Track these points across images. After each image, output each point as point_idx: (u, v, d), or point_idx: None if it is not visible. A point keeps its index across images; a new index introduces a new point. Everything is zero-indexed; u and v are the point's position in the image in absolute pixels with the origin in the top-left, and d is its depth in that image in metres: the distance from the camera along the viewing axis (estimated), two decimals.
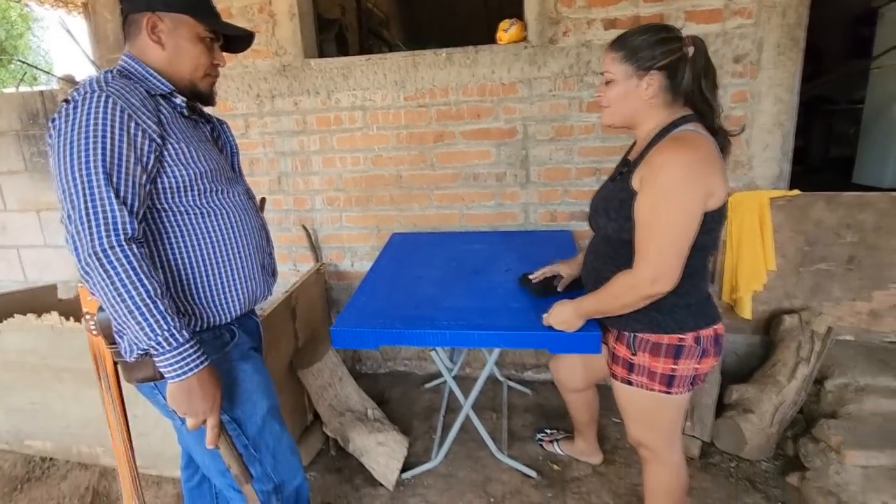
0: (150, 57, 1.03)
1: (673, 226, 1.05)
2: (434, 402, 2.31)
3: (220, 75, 1.15)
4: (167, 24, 1.01)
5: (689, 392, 1.24)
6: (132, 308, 0.87)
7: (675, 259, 1.07)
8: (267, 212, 2.42)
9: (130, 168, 0.91)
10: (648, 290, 1.10)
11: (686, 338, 1.17)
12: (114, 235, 0.86)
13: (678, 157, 1.04)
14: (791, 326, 1.93)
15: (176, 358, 0.91)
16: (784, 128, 1.94)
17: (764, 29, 1.87)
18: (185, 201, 1.01)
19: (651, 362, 1.20)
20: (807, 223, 1.95)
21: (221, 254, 1.07)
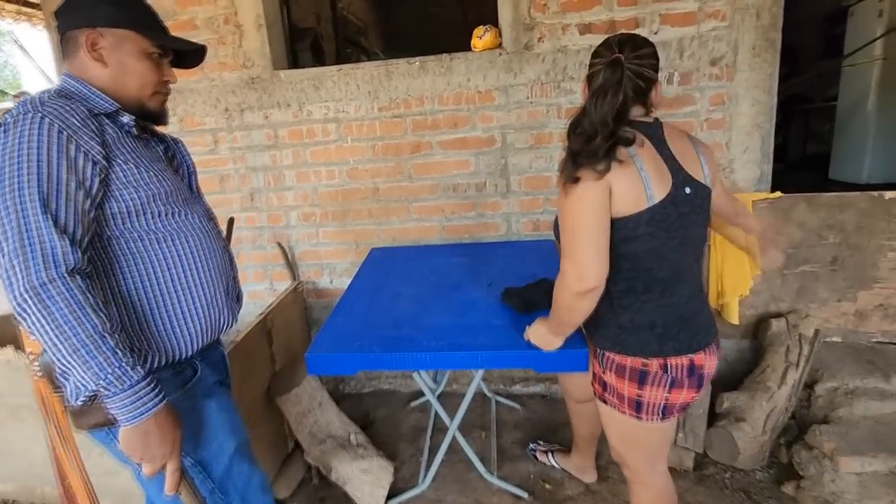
0: (92, 75, 0.95)
1: (572, 219, 1.02)
2: (421, 421, 2.23)
3: (171, 92, 1.08)
4: (109, 41, 0.94)
5: (667, 421, 1.17)
6: (77, 346, 0.79)
7: (587, 251, 1.01)
8: (240, 229, 2.35)
9: (71, 193, 0.83)
10: (575, 287, 1.03)
11: (650, 363, 1.10)
12: (53, 268, 0.79)
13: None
14: (779, 330, 1.90)
15: (130, 398, 0.83)
16: (763, 129, 1.92)
17: (738, 31, 1.85)
18: (138, 226, 0.94)
19: (618, 384, 1.16)
20: (790, 225, 1.93)
21: (180, 281, 0.99)
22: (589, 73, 1.10)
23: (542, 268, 1.80)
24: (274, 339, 1.95)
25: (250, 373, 1.77)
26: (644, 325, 1.10)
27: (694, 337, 1.11)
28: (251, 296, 2.43)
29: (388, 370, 2.32)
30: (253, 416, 1.75)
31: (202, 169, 2.26)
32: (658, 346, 1.10)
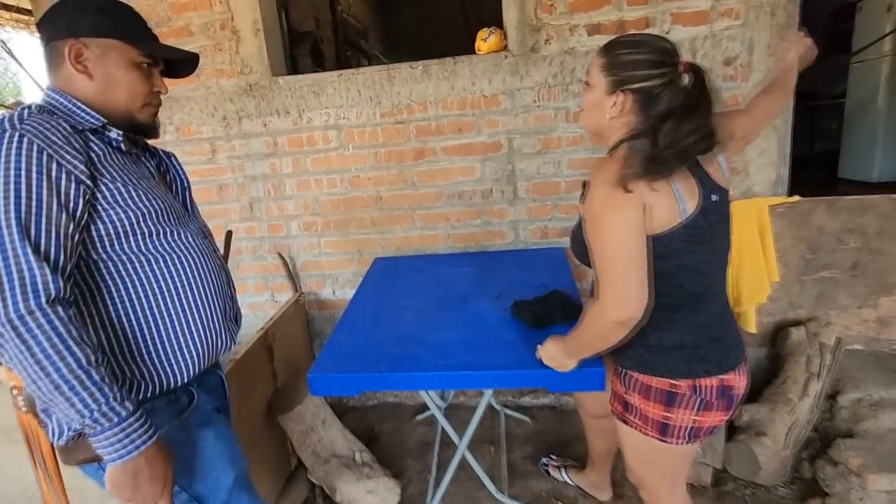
0: (77, 88, 0.89)
1: (611, 247, 0.95)
2: (428, 435, 2.16)
3: (161, 103, 1.02)
4: (94, 51, 0.88)
5: (693, 444, 1.10)
6: (59, 382, 0.73)
7: (629, 279, 0.95)
8: (240, 240, 2.29)
9: (53, 217, 0.77)
10: (613, 317, 0.96)
11: (679, 385, 1.04)
12: (32, 298, 0.73)
13: (601, 173, 0.97)
14: (798, 340, 1.83)
15: (118, 436, 0.77)
16: (779, 131, 1.85)
17: (753, 29, 1.78)
18: (127, 249, 0.88)
19: (642, 405, 1.09)
20: (808, 230, 1.86)
21: (174, 305, 0.93)
22: (639, 87, 0.97)
23: (552, 277, 1.74)
24: (275, 354, 1.89)
25: (251, 390, 1.71)
26: (672, 345, 1.04)
27: (724, 357, 1.05)
28: (252, 308, 2.37)
29: (393, 390, 2.27)
30: (254, 435, 1.69)
31: (200, 179, 2.23)
32: (687, 366, 1.03)
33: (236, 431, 1.55)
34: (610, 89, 1.01)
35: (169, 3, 2.05)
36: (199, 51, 2.07)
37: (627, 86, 0.99)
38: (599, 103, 1.03)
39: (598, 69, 1.03)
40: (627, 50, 1.00)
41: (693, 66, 0.98)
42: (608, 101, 1.01)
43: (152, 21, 2.06)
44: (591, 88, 1.05)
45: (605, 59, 1.02)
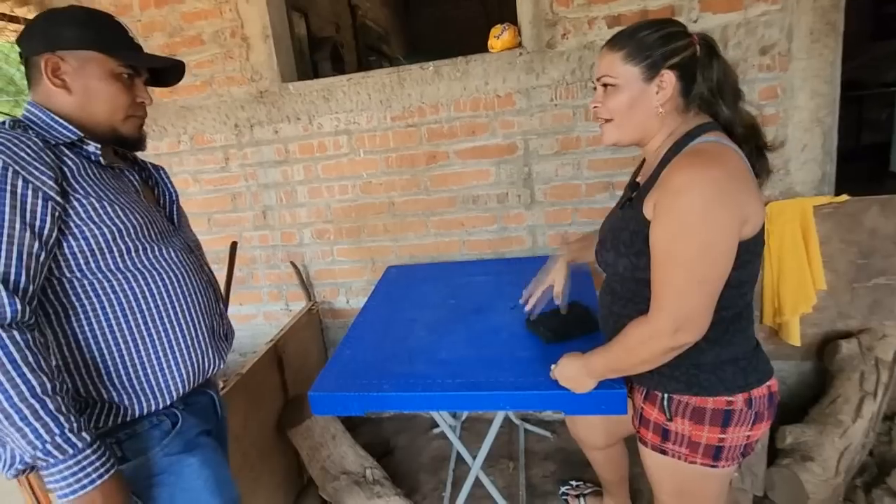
0: (56, 103, 0.86)
1: (697, 263, 0.83)
2: (443, 449, 2.08)
3: (147, 114, 0.98)
4: (71, 64, 0.85)
5: (738, 463, 1.00)
6: (10, 412, 0.69)
7: (702, 303, 0.85)
8: (253, 249, 2.26)
9: (15, 236, 0.74)
10: (670, 343, 0.87)
11: (735, 400, 0.94)
12: None
13: (700, 177, 0.82)
14: (850, 354, 1.66)
15: (72, 469, 0.72)
16: (824, 124, 1.69)
17: (793, 14, 1.63)
18: (103, 266, 0.84)
19: (693, 431, 0.97)
20: (859, 232, 1.69)
21: (153, 325, 0.89)
22: (679, 60, 0.89)
23: (572, 286, 1.63)
24: (286, 365, 1.85)
25: (259, 403, 1.67)
26: (729, 359, 0.94)
27: (766, 362, 0.98)
28: (267, 317, 2.35)
29: (400, 410, 2.19)
30: (264, 449, 1.65)
31: (214, 187, 2.21)
32: (743, 379, 0.94)
33: (243, 446, 1.52)
34: (648, 75, 0.90)
35: (180, 12, 2.04)
36: (210, 59, 2.07)
37: (669, 61, 0.89)
38: (639, 96, 0.91)
39: (621, 61, 0.92)
40: (646, 31, 0.91)
41: (705, 37, 0.91)
42: (650, 89, 0.91)
43: (165, 31, 2.07)
44: (619, 87, 0.92)
45: (628, 48, 0.91)
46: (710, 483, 1.01)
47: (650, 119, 0.93)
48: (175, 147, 2.19)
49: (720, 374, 0.94)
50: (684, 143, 0.90)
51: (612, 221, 1.05)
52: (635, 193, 0.99)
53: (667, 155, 0.92)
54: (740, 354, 0.95)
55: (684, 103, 0.93)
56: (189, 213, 2.42)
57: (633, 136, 0.97)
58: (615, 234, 1.00)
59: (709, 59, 0.91)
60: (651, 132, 0.95)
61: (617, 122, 0.95)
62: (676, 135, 0.92)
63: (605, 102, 0.95)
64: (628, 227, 0.96)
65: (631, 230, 0.94)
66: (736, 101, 0.93)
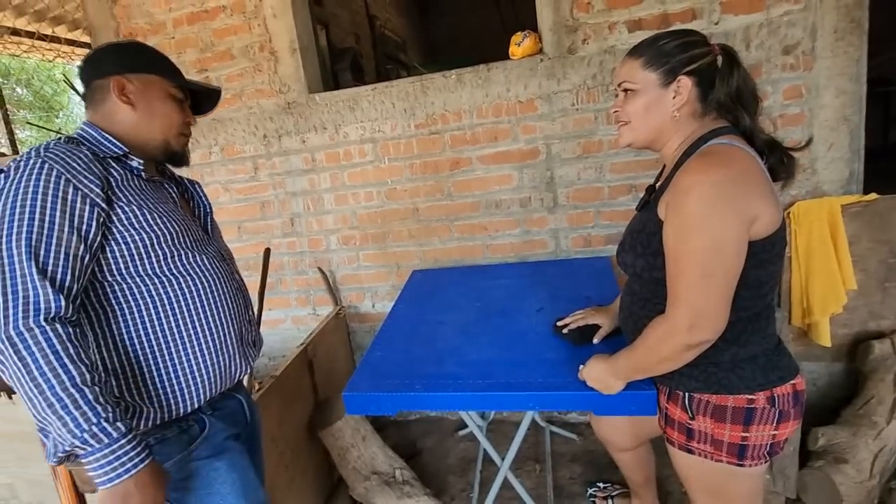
0: (118, 119, 0.95)
1: (704, 259, 0.85)
2: (470, 451, 2.11)
3: (191, 134, 1.07)
4: (136, 85, 0.96)
5: (768, 462, 1.00)
6: (52, 400, 0.73)
7: (715, 299, 0.86)
8: (282, 255, 2.33)
9: (63, 238, 0.80)
10: (686, 339, 0.89)
11: (757, 398, 0.94)
12: (32, 316, 0.75)
13: (706, 177, 0.85)
14: (883, 354, 1.64)
15: (108, 458, 0.75)
16: (851, 122, 1.68)
17: (816, 13, 1.63)
18: (141, 271, 0.90)
19: (714, 429, 0.98)
20: (890, 231, 1.66)
21: (185, 328, 0.94)
22: (696, 67, 0.93)
23: (596, 289, 1.65)
24: (316, 368, 1.90)
25: (292, 405, 1.72)
26: (747, 357, 0.95)
27: (790, 360, 0.98)
28: (295, 321, 2.41)
29: (430, 410, 2.23)
30: (296, 450, 1.70)
31: (243, 196, 2.29)
32: (763, 376, 0.94)
33: (279, 447, 1.57)
34: (665, 80, 0.94)
35: (211, 29, 2.13)
36: (240, 73, 2.15)
37: (687, 68, 0.93)
38: (656, 101, 0.96)
39: (641, 67, 0.96)
40: (665, 39, 0.96)
41: (726, 47, 0.95)
42: (667, 94, 0.95)
43: (198, 47, 2.16)
44: (638, 92, 0.97)
45: (646, 55, 0.96)
46: (739, 482, 1.01)
47: (665, 122, 0.97)
48: (207, 158, 2.28)
49: (739, 372, 0.95)
50: (697, 146, 0.93)
51: (632, 224, 1.09)
52: (652, 196, 1.02)
53: (681, 158, 0.95)
54: (759, 353, 0.95)
55: (702, 109, 0.96)
56: (220, 221, 2.50)
57: (646, 139, 1.01)
58: (633, 236, 1.03)
59: (729, 68, 0.94)
60: (666, 135, 0.99)
61: (633, 124, 1.00)
62: (692, 138, 0.96)
63: (625, 107, 1.00)
64: (645, 228, 0.99)
65: (648, 231, 0.98)
66: (756, 109, 0.96)
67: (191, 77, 1.10)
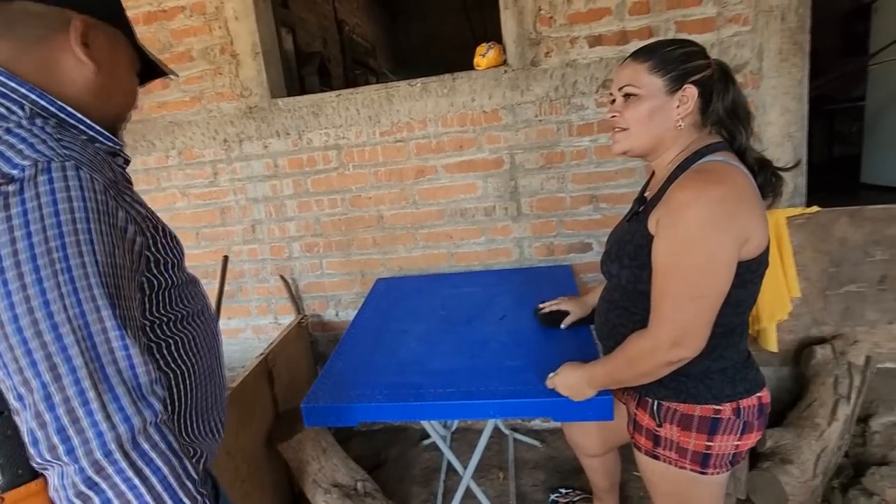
0: (69, 81, 0.62)
1: (697, 278, 0.85)
2: (434, 460, 2.09)
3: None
4: (102, 39, 0.65)
5: (730, 470, 1.03)
6: None
7: (700, 318, 0.88)
8: (242, 262, 2.27)
9: (127, 279, 0.56)
10: (668, 356, 0.90)
11: (723, 409, 0.96)
12: (146, 408, 0.52)
13: (703, 195, 0.84)
14: (824, 359, 1.73)
15: None
16: (795, 139, 1.77)
17: (763, 35, 1.72)
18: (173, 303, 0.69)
19: (680, 437, 1.00)
20: (830, 242, 1.76)
21: (207, 363, 0.75)
22: (701, 77, 0.92)
23: (558, 295, 1.67)
24: (276, 379, 1.85)
25: (249, 418, 1.66)
26: (717, 370, 0.97)
27: (757, 372, 1.00)
28: (256, 331, 2.34)
29: (392, 420, 2.21)
30: (254, 464, 1.65)
31: (203, 202, 2.22)
32: (731, 388, 0.96)
33: (235, 461, 1.52)
34: (671, 87, 0.92)
35: (169, 29, 2.06)
36: (199, 75, 2.09)
37: (692, 77, 0.92)
38: (661, 107, 0.93)
39: (646, 72, 0.93)
40: (671, 46, 0.95)
41: (720, 62, 0.96)
42: (672, 102, 0.93)
43: (154, 48, 2.08)
44: (642, 97, 0.94)
45: (653, 60, 0.93)
46: (700, 489, 1.04)
47: (668, 131, 0.95)
48: (163, 162, 2.20)
49: (708, 382, 0.97)
50: (693, 160, 0.92)
51: (619, 233, 1.07)
52: (642, 208, 1.01)
53: (675, 172, 0.94)
54: (729, 365, 0.97)
55: (701, 121, 0.96)
56: (177, 227, 2.42)
57: (645, 147, 0.98)
58: (620, 246, 1.02)
59: (724, 83, 0.94)
60: (664, 145, 0.97)
61: (633, 131, 0.96)
62: (688, 151, 0.94)
63: (625, 112, 0.96)
64: (633, 239, 0.98)
65: (636, 243, 0.97)
66: (750, 124, 0.97)
67: None
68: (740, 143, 0.96)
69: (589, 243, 1.99)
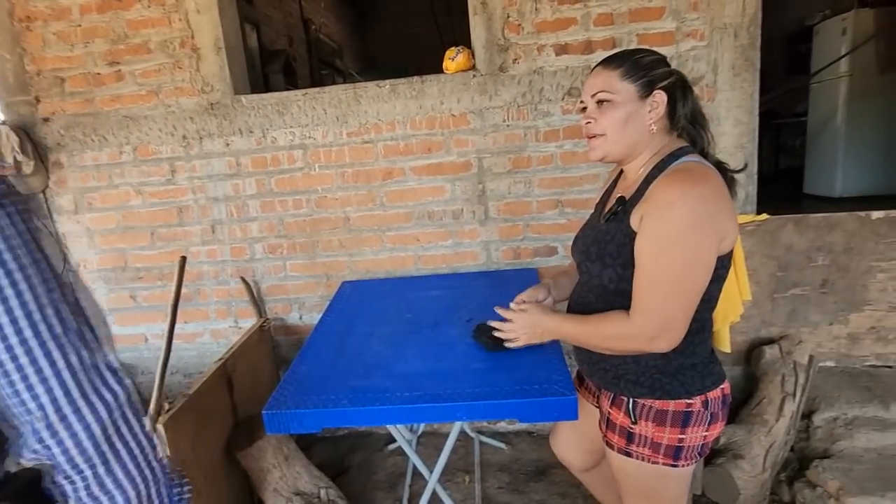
0: None
1: (682, 276, 0.88)
2: (399, 465, 2.07)
3: None
4: None
5: (698, 461, 1.07)
6: None
7: (682, 312, 0.91)
8: (201, 264, 2.18)
9: None
10: (645, 347, 0.94)
11: (694, 402, 1.00)
12: None
13: (687, 193, 0.87)
14: (772, 358, 1.82)
15: None
16: (746, 150, 1.87)
17: (717, 50, 1.80)
18: None
19: (655, 432, 1.03)
20: (778, 248, 1.87)
21: None
22: (669, 83, 0.96)
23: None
24: (235, 385, 1.78)
25: (207, 426, 1.60)
26: (687, 365, 1.00)
27: (720, 366, 1.05)
28: (214, 335, 2.26)
29: (357, 426, 2.18)
30: (211, 474, 1.58)
31: (159, 200, 2.13)
32: (700, 382, 1.00)
33: (190, 472, 1.45)
34: (643, 93, 0.95)
35: (125, 19, 1.97)
36: (157, 68, 2.01)
37: (661, 83, 0.95)
38: (634, 113, 0.96)
39: (619, 78, 0.96)
40: (641, 53, 0.98)
41: (679, 72, 1.00)
42: (644, 106, 0.96)
43: (109, 38, 1.99)
44: (617, 103, 0.96)
45: (624, 66, 0.96)
46: (671, 482, 1.07)
47: (642, 136, 0.98)
48: (116, 157, 2.09)
49: (681, 378, 1.00)
50: (669, 161, 0.95)
51: (596, 234, 1.08)
52: (622, 207, 1.02)
53: (652, 172, 0.96)
54: (699, 361, 1.01)
55: (670, 125, 0.99)
56: (131, 226, 2.31)
57: (622, 152, 1.00)
58: (601, 247, 1.03)
59: (683, 91, 0.98)
60: (639, 149, 1.00)
61: (610, 136, 0.98)
62: (661, 154, 0.98)
63: (600, 118, 0.98)
64: (614, 239, 0.99)
65: (617, 242, 0.98)
66: (708, 130, 1.02)
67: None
68: (702, 146, 1.01)
69: (555, 247, 2.03)
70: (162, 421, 1.39)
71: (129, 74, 2.01)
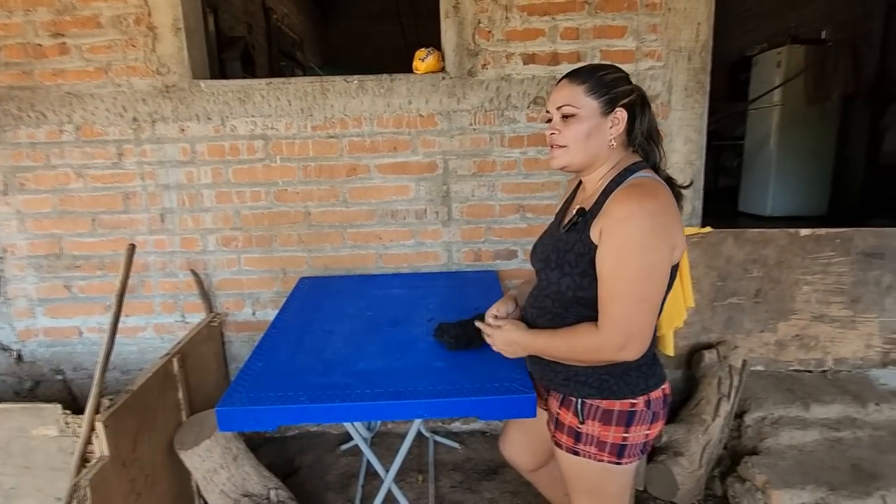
0: None
1: (641, 286, 0.93)
2: (352, 466, 2.04)
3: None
4: None
5: (641, 458, 1.13)
6: None
7: (647, 321, 0.95)
8: (148, 254, 2.06)
9: None
10: (613, 356, 0.97)
11: (638, 402, 1.05)
12: None
13: (642, 208, 0.92)
14: (711, 362, 1.95)
15: None
16: (695, 166, 2.00)
17: (672, 71, 1.92)
18: None
19: (601, 431, 1.07)
20: (719, 259, 2.00)
21: None
22: (629, 101, 1.00)
23: (484, 300, 1.71)
24: (181, 382, 1.70)
25: (149, 425, 1.51)
26: (633, 366, 1.04)
27: (661, 367, 1.10)
28: (158, 329, 2.14)
29: (315, 423, 2.13)
30: (153, 474, 1.50)
31: (103, 185, 2.00)
32: (644, 383, 1.05)
33: (131, 472, 1.37)
34: (605, 110, 0.99)
35: None
36: (107, 44, 1.90)
37: (622, 101, 1.00)
38: (596, 128, 1.00)
39: (584, 94, 1.00)
40: (605, 70, 1.02)
41: (640, 89, 1.04)
42: (605, 122, 1.00)
43: (53, 7, 1.85)
44: (581, 118, 1.00)
45: (589, 83, 1.00)
46: (616, 478, 1.12)
47: (602, 149, 1.02)
48: (56, 136, 1.95)
49: (627, 379, 1.05)
50: (625, 175, 1.01)
51: (556, 243, 1.11)
52: (582, 218, 1.06)
53: (609, 185, 1.01)
54: (643, 362, 1.06)
55: (627, 141, 1.04)
56: (69, 211, 2.17)
57: (582, 163, 1.04)
58: (560, 255, 1.07)
59: (642, 108, 1.04)
60: (599, 161, 1.04)
61: (572, 148, 1.03)
62: (619, 168, 1.03)
63: (564, 130, 1.02)
64: (574, 249, 1.03)
65: (577, 252, 1.02)
66: (661, 146, 1.08)
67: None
68: (654, 161, 1.08)
69: (515, 251, 2.07)
70: (101, 418, 1.30)
71: (74, 48, 1.88)
